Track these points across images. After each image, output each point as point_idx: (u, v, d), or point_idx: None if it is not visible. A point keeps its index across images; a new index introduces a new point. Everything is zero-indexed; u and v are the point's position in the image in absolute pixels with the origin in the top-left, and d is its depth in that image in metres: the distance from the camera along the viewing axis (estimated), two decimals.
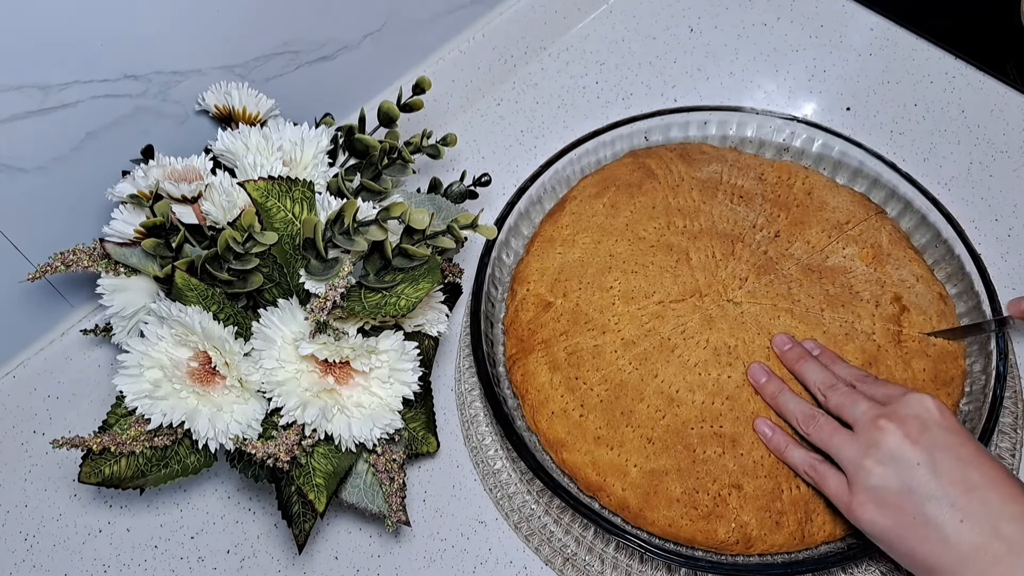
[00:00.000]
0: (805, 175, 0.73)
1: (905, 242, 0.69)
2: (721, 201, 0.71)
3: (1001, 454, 0.63)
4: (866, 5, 0.87)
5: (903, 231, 0.70)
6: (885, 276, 0.66)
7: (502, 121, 0.84)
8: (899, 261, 0.67)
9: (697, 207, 0.71)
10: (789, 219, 0.70)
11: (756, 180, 0.73)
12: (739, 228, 0.70)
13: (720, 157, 0.74)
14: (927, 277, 0.67)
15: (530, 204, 0.73)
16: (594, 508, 0.60)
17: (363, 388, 0.56)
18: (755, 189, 0.72)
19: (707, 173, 0.73)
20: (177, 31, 0.60)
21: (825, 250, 0.68)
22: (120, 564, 0.65)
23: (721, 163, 0.74)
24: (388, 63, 0.77)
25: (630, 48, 0.88)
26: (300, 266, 0.56)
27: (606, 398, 0.62)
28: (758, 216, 0.70)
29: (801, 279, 0.66)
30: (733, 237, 0.69)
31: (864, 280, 0.66)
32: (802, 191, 0.72)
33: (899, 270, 0.67)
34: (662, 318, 0.65)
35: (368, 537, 0.65)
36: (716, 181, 0.73)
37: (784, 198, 0.72)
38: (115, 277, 0.58)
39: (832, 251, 0.68)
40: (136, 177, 0.58)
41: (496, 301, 0.70)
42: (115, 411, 0.56)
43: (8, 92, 0.55)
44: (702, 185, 0.72)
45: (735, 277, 0.67)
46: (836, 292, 0.66)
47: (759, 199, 0.72)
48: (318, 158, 0.62)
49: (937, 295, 0.66)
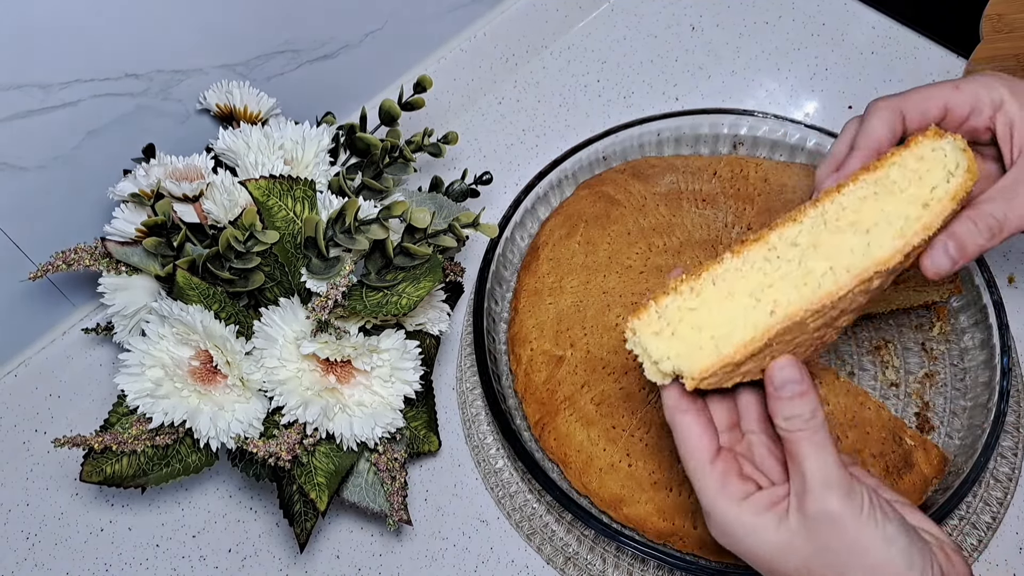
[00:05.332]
0: (756, 164, 0.73)
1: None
2: (688, 210, 0.71)
3: (1003, 452, 0.63)
4: (868, 3, 0.87)
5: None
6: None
7: (503, 120, 0.84)
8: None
9: (669, 222, 0.71)
10: (755, 209, 0.70)
11: (712, 180, 0.73)
12: (714, 231, 0.70)
13: (670, 166, 0.74)
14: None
15: (536, 201, 0.72)
16: (583, 506, 0.59)
17: (365, 387, 0.56)
18: (714, 189, 0.72)
19: (665, 186, 0.73)
20: (178, 30, 0.60)
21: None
22: (122, 563, 0.65)
23: (674, 172, 0.73)
24: (389, 62, 0.77)
25: (632, 47, 0.88)
26: (301, 265, 0.56)
27: (650, 440, 0.60)
28: (726, 215, 0.71)
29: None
30: (712, 242, 0.69)
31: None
32: (758, 179, 0.72)
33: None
34: None
35: (370, 536, 0.65)
36: (677, 191, 0.72)
37: (744, 190, 0.72)
38: (116, 276, 0.58)
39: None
40: (137, 176, 0.58)
41: (499, 299, 0.70)
42: (117, 410, 0.56)
43: (9, 91, 0.55)
44: (665, 199, 0.72)
45: None
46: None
47: (721, 197, 0.72)
48: (319, 157, 0.62)
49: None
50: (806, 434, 0.42)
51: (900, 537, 0.41)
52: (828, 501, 0.41)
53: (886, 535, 0.41)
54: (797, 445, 0.42)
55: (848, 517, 0.41)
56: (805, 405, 0.42)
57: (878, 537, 0.41)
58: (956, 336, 0.67)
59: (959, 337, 0.67)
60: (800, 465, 0.42)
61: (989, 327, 0.63)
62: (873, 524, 0.41)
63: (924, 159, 0.43)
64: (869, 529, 0.41)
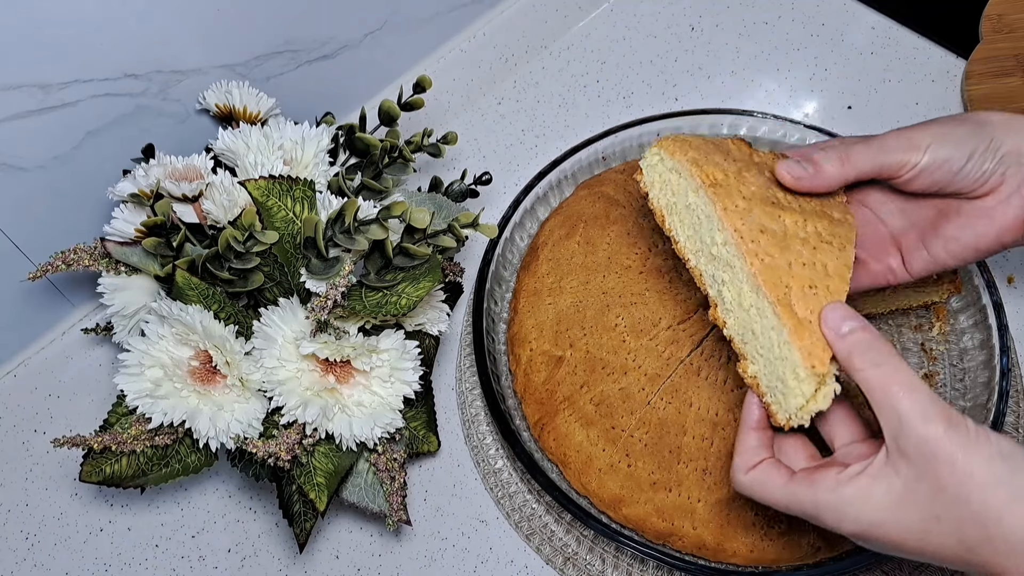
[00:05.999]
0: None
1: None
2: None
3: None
4: (868, 3, 0.87)
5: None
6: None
7: (503, 120, 0.84)
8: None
9: None
10: None
11: None
12: None
13: None
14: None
15: (536, 201, 0.72)
16: (583, 506, 0.59)
17: (364, 387, 0.56)
18: None
19: None
20: (178, 30, 0.60)
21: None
22: (121, 563, 0.65)
23: None
24: (389, 62, 0.77)
25: (631, 47, 0.88)
26: (301, 265, 0.56)
27: (649, 441, 0.60)
28: None
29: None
30: None
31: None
32: None
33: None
34: (677, 343, 0.63)
35: (369, 536, 0.65)
36: None
37: None
38: (116, 276, 0.58)
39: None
40: (137, 176, 0.58)
41: (499, 299, 0.70)
42: (116, 410, 0.56)
43: (8, 91, 0.55)
44: None
45: None
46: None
47: None
48: (319, 157, 0.62)
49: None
50: (887, 370, 0.40)
51: (1015, 449, 0.39)
52: (930, 431, 0.38)
53: (1000, 451, 0.38)
54: (885, 387, 0.40)
55: (956, 444, 0.38)
56: (873, 338, 0.41)
57: (993, 455, 0.38)
58: (955, 337, 0.67)
59: (959, 338, 0.67)
60: (895, 408, 0.39)
61: (988, 328, 0.63)
62: (986, 444, 0.38)
63: (654, 174, 0.54)
64: (980, 451, 0.38)
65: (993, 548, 0.38)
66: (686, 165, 0.51)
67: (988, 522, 0.38)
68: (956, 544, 0.39)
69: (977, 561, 0.39)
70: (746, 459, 0.46)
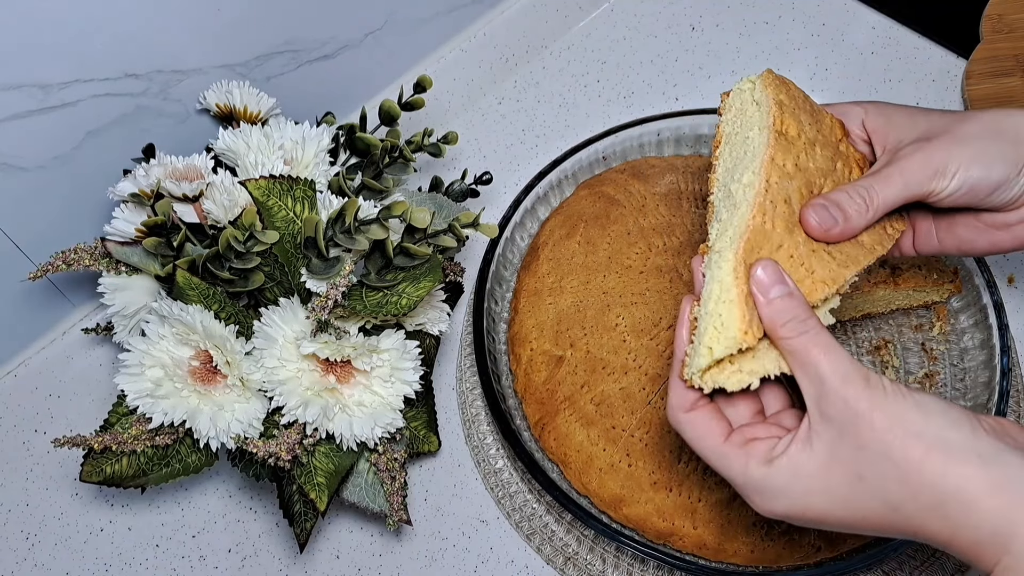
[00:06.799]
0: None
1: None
2: (688, 210, 0.71)
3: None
4: (868, 3, 0.87)
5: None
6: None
7: (503, 120, 0.84)
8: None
9: (669, 222, 0.70)
10: None
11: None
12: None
13: (670, 166, 0.74)
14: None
15: (536, 201, 0.72)
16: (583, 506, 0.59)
17: (364, 387, 0.56)
18: None
19: (664, 186, 0.72)
20: (178, 30, 0.60)
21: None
22: (121, 563, 0.65)
23: (674, 172, 0.73)
24: (389, 62, 0.77)
25: (631, 47, 0.88)
26: (301, 265, 0.56)
27: (649, 440, 0.60)
28: None
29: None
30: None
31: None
32: None
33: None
34: None
35: (369, 536, 0.65)
36: (676, 192, 0.72)
37: None
38: (116, 276, 0.58)
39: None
40: (137, 176, 0.58)
41: (499, 299, 0.70)
42: (116, 410, 0.56)
43: (9, 91, 0.55)
44: (665, 199, 0.72)
45: None
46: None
47: None
48: (319, 157, 0.62)
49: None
50: (810, 336, 0.40)
51: (933, 401, 0.39)
52: (847, 392, 0.39)
53: (917, 402, 0.39)
54: (806, 352, 0.40)
55: (874, 401, 0.39)
56: (798, 305, 0.41)
57: (910, 407, 0.39)
58: (956, 336, 0.67)
59: (959, 337, 0.67)
60: (816, 371, 0.40)
61: (989, 327, 0.63)
62: (901, 398, 0.39)
63: (739, 100, 0.53)
64: (898, 405, 0.39)
65: (917, 504, 0.38)
66: (771, 103, 0.49)
67: (910, 473, 0.38)
68: (880, 505, 0.39)
69: (900, 521, 0.39)
70: (684, 397, 0.44)
